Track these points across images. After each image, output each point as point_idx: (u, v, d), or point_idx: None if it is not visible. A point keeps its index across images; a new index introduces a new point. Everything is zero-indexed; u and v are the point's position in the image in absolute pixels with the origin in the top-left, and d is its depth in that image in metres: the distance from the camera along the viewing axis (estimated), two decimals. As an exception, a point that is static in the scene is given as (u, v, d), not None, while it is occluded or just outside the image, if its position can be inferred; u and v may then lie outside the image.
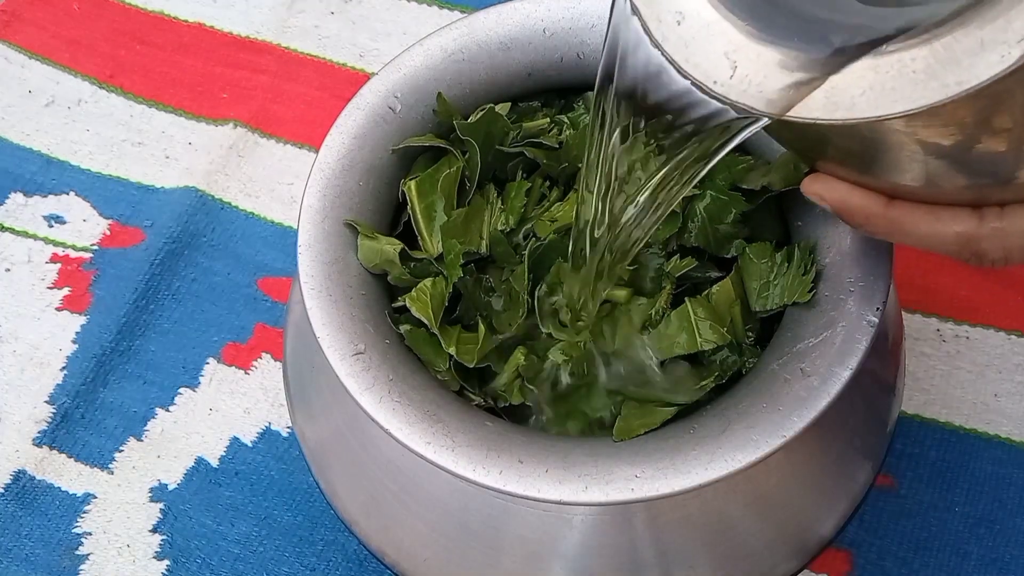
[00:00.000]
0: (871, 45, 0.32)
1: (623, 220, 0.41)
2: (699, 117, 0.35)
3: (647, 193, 0.39)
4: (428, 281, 0.45)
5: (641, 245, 0.42)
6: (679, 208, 0.45)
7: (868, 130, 0.33)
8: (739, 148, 0.49)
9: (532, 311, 0.45)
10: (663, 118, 0.37)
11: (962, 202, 0.36)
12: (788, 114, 0.33)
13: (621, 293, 0.45)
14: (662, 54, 0.35)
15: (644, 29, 0.35)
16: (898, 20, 0.32)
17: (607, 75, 0.38)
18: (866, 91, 0.32)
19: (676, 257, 0.46)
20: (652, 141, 0.38)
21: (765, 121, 0.34)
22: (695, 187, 0.46)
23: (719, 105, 0.34)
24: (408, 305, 0.45)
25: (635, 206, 0.40)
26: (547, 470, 0.40)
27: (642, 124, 0.38)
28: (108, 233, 0.68)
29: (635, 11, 0.35)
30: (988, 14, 0.30)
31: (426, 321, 0.44)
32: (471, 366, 0.44)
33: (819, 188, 0.38)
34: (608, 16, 0.37)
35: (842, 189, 0.37)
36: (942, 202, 0.36)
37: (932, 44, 0.31)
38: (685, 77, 0.34)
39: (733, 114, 0.34)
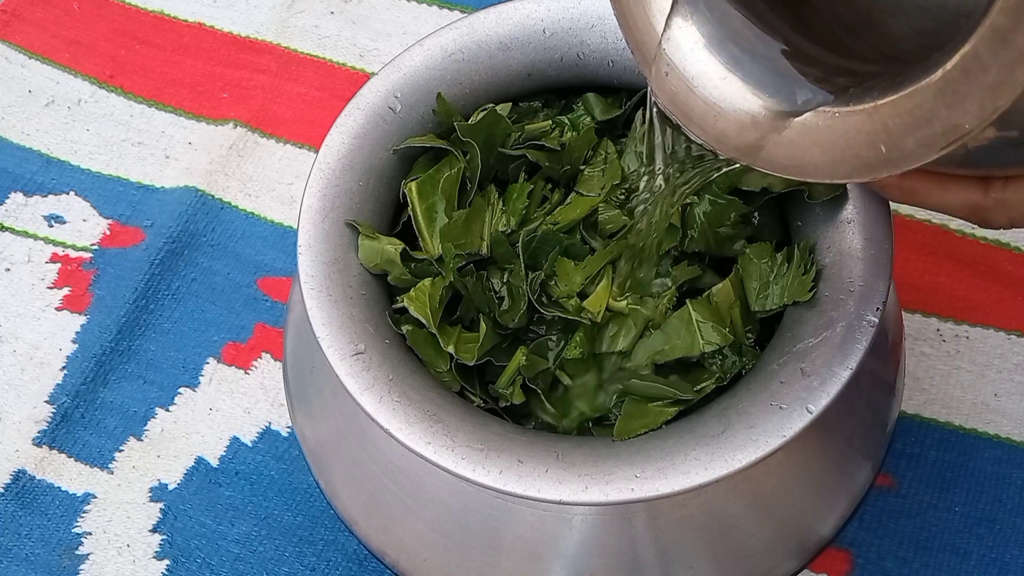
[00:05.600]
0: (828, 104, 0.34)
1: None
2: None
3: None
4: (427, 281, 0.45)
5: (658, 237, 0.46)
6: (676, 221, 0.46)
7: None
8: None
9: (532, 305, 0.45)
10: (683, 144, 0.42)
11: (970, 175, 0.38)
12: (757, 166, 0.35)
13: (621, 304, 0.45)
14: (656, 103, 0.38)
15: (647, 79, 0.38)
16: (848, 83, 0.34)
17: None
18: (820, 155, 0.34)
19: (684, 263, 0.46)
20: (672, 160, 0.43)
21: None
22: (693, 194, 0.46)
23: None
24: (406, 305, 0.45)
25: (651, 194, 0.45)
26: (547, 470, 0.40)
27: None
28: (108, 233, 0.68)
29: (637, 63, 0.38)
30: (921, 94, 0.31)
31: (424, 321, 0.44)
32: (471, 364, 0.44)
33: None
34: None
35: None
36: (952, 173, 0.38)
37: (873, 116, 0.32)
38: (676, 123, 0.38)
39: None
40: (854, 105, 0.33)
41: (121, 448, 0.61)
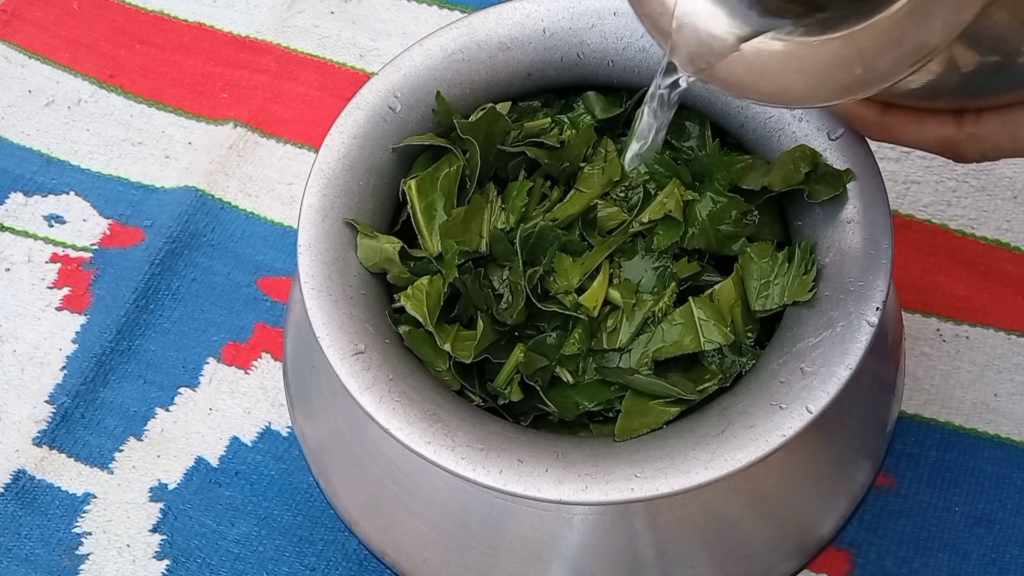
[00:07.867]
0: (794, 26, 0.36)
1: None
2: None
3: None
4: (424, 279, 0.45)
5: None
6: (679, 215, 0.45)
7: None
8: (738, 147, 0.49)
9: (531, 301, 0.45)
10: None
11: (946, 109, 0.41)
12: (743, 96, 0.38)
13: (618, 295, 0.45)
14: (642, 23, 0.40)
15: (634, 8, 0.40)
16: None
17: None
18: (801, 82, 0.36)
19: (685, 259, 0.46)
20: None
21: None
22: (693, 191, 0.46)
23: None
24: (403, 303, 0.45)
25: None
26: (547, 470, 0.40)
27: None
28: (108, 233, 0.68)
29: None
30: (892, 16, 0.34)
31: (421, 319, 0.44)
32: (468, 362, 0.44)
33: None
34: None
35: None
36: (929, 109, 0.42)
37: (849, 42, 0.35)
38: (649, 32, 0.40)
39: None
40: (831, 33, 0.35)
41: (121, 448, 0.61)
